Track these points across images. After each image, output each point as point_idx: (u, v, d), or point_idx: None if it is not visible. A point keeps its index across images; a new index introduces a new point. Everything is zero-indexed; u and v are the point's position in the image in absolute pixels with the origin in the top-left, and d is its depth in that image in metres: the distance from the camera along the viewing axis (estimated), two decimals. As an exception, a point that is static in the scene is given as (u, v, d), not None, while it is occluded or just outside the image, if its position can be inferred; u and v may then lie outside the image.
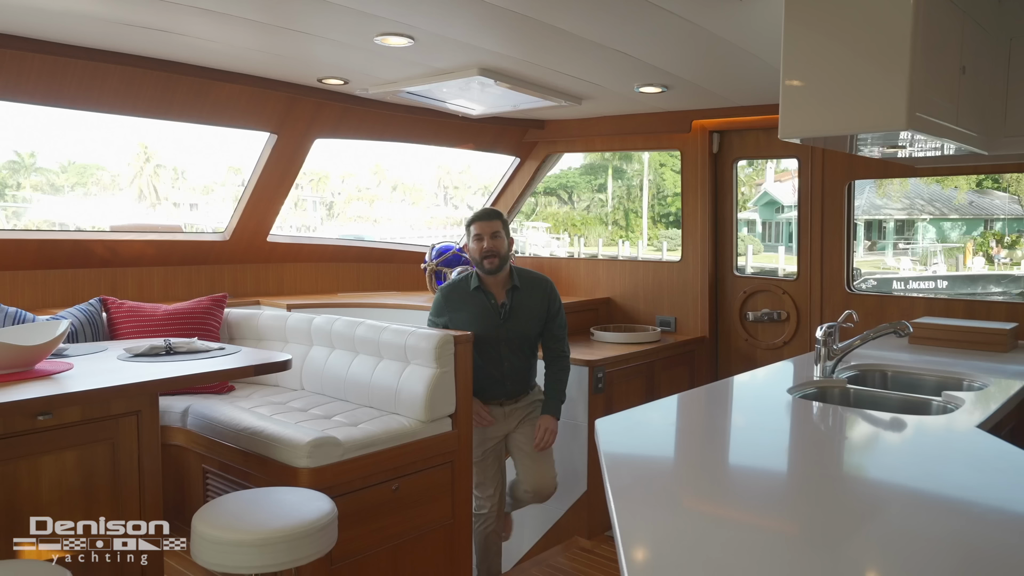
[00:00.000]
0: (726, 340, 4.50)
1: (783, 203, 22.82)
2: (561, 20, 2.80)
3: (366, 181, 41.67)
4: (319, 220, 38.50)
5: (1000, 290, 18.35)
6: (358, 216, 39.73)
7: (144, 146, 35.85)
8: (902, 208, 21.08)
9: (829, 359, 2.64)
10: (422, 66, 3.49)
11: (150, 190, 35.92)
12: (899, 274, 19.54)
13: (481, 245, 3.25)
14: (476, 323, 3.28)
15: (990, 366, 2.86)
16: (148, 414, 2.38)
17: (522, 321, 3.32)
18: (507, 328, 3.30)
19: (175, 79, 3.57)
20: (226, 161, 39.74)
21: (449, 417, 3.14)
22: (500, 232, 3.28)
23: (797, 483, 1.67)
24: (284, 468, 2.70)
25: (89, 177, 36.27)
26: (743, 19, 2.72)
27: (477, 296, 3.31)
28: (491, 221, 3.29)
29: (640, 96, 3.97)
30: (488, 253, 3.24)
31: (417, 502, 3.02)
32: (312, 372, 3.51)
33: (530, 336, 3.35)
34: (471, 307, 3.30)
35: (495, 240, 3.25)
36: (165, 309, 3.54)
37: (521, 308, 3.32)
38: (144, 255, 4.29)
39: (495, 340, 3.29)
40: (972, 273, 19.35)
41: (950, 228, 21.38)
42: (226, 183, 37.72)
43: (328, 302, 4.53)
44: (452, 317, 3.33)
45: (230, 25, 2.93)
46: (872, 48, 2.20)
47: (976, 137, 2.72)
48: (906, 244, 21.25)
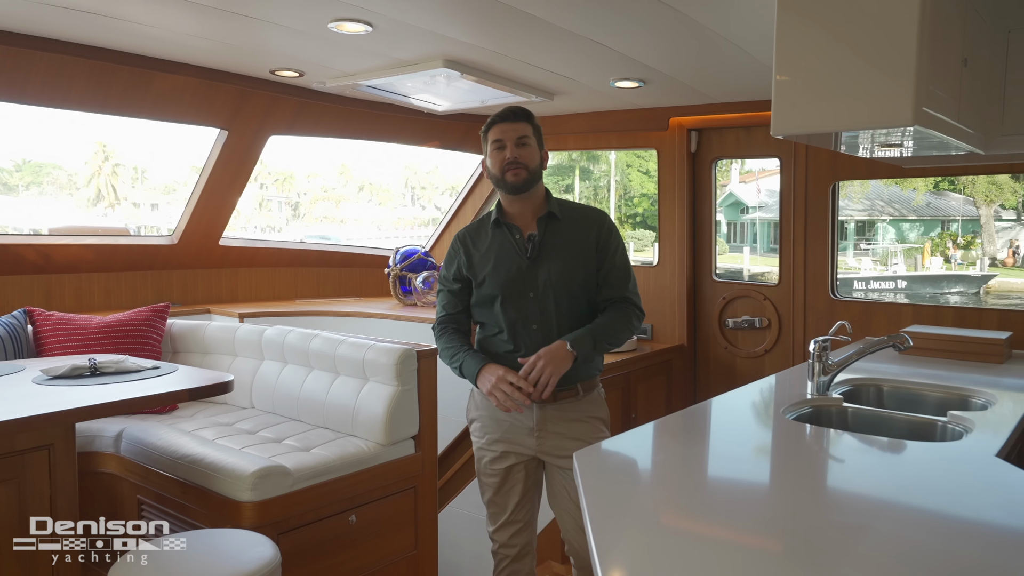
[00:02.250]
0: (705, 348, 4.30)
1: (748, 204, 22.94)
2: (533, 6, 2.56)
3: (332, 181, 41.04)
4: (284, 221, 37.84)
5: (957, 290, 18.67)
6: (324, 216, 39.11)
7: (102, 144, 34.84)
8: (863, 209, 21.34)
9: (823, 374, 2.44)
10: (383, 57, 3.23)
11: (108, 190, 34.91)
12: (860, 274, 19.74)
13: (503, 155, 2.30)
14: (496, 267, 2.33)
15: (989, 379, 2.69)
16: (62, 448, 2.08)
17: (560, 261, 2.30)
18: (536, 273, 2.29)
19: (111, 68, 3.26)
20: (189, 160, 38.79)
21: (412, 439, 2.88)
22: (529, 137, 2.33)
23: (807, 531, 1.44)
24: (225, 502, 2.42)
25: (45, 176, 35.15)
26: (730, 7, 2.51)
27: (497, 233, 2.37)
28: (515, 123, 2.32)
29: (615, 91, 3.75)
30: (511, 163, 2.29)
31: (377, 533, 2.76)
32: (263, 389, 3.22)
33: (574, 285, 2.31)
34: (490, 248, 2.37)
35: (522, 148, 2.30)
36: (99, 321, 3.22)
37: (557, 244, 2.32)
38: (82, 260, 3.96)
39: (520, 292, 2.29)
40: (930, 273, 19.67)
41: (909, 229, 21.73)
42: (188, 183, 36.84)
43: (284, 310, 4.24)
44: (469, 265, 2.39)
45: (170, 8, 2.65)
46: (875, 37, 1.99)
47: (974, 135, 2.55)
48: (867, 244, 21.52)
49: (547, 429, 2.31)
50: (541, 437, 2.32)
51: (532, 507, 2.46)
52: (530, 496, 2.43)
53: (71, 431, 2.13)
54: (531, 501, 2.44)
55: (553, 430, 2.31)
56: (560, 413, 2.32)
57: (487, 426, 2.39)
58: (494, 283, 2.31)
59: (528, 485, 2.41)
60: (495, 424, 2.37)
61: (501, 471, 2.38)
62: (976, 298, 18.32)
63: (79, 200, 34.32)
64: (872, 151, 2.83)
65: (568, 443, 2.29)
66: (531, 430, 2.32)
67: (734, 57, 3.07)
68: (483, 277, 2.34)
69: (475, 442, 2.45)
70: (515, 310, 2.30)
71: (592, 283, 2.34)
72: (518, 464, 2.37)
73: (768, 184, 20.72)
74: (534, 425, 2.31)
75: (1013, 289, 18.41)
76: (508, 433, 2.35)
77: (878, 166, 3.49)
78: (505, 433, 2.36)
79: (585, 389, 2.35)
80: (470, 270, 2.38)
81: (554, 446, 2.32)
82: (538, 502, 2.48)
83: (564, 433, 2.31)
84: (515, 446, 2.35)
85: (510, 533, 2.41)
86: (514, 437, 2.34)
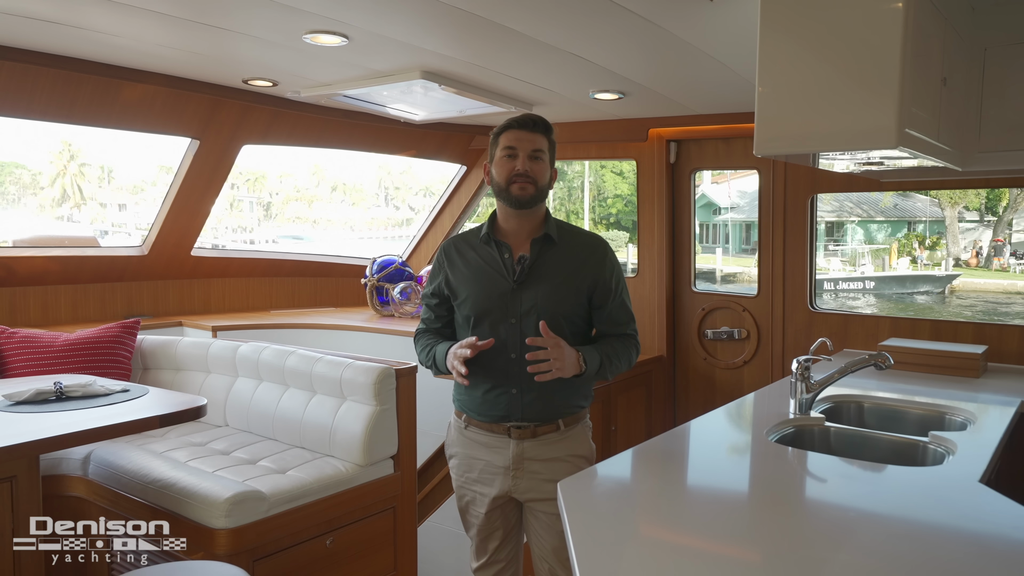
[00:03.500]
0: (684, 359, 4.29)
1: (720, 205, 23.14)
2: (512, 20, 2.53)
3: (304, 181, 40.58)
4: (256, 221, 37.36)
5: (924, 289, 19.02)
6: (296, 217, 38.67)
7: (67, 144, 34.07)
8: (832, 210, 21.66)
9: (806, 393, 2.43)
10: (359, 67, 3.17)
11: (74, 190, 34.20)
12: (829, 275, 20.02)
13: (512, 165, 2.11)
14: (475, 287, 2.16)
15: (967, 395, 2.71)
16: (26, 480, 2.01)
17: (549, 287, 2.11)
18: (521, 297, 2.11)
19: (76, 78, 3.16)
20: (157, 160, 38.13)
21: (391, 458, 2.83)
22: (544, 152, 2.14)
23: (796, 562, 1.42)
24: (199, 529, 2.35)
25: (7, 176, 34.31)
26: (711, 22, 2.50)
27: (485, 249, 2.19)
28: (533, 133, 2.12)
29: (595, 103, 3.73)
30: (520, 175, 2.10)
31: (355, 556, 2.71)
32: (237, 407, 3.15)
33: (559, 315, 2.11)
34: (473, 265, 2.19)
35: (535, 162, 2.12)
36: (66, 338, 3.12)
37: (550, 268, 2.13)
38: (48, 272, 3.84)
39: (500, 316, 2.12)
40: (897, 274, 20.03)
41: (876, 230, 22.10)
42: (157, 183, 36.19)
43: (259, 322, 4.15)
44: (449, 282, 2.23)
45: (138, 18, 2.57)
46: (858, 59, 1.99)
47: (952, 153, 2.57)
48: (836, 245, 21.84)
49: (524, 468, 2.15)
50: (516, 477, 2.16)
51: (515, 545, 2.33)
52: (512, 536, 2.30)
53: (35, 463, 2.05)
54: (514, 540, 2.32)
55: (530, 469, 2.15)
56: (539, 451, 2.15)
57: (463, 464, 2.26)
58: (472, 304, 2.15)
59: (509, 526, 2.28)
60: (470, 463, 2.23)
61: (480, 515, 2.25)
62: (941, 297, 18.68)
63: (43, 200, 33.56)
64: (850, 168, 2.84)
65: (544, 485, 2.14)
66: (507, 469, 2.16)
67: (714, 71, 3.06)
68: (462, 296, 2.18)
69: (454, 479, 2.32)
70: (492, 335, 2.11)
71: (580, 315, 2.17)
72: (495, 509, 2.22)
73: (740, 185, 20.91)
74: (510, 464, 2.16)
75: (976, 289, 18.78)
76: (484, 474, 2.21)
77: (856, 179, 3.51)
78: (481, 473, 2.21)
79: (567, 424, 2.18)
80: (450, 287, 2.22)
81: (529, 487, 2.16)
82: (522, 538, 2.35)
83: (541, 473, 2.15)
84: (491, 488, 2.20)
85: (493, 572, 2.30)
86: (490, 478, 2.20)
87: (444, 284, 2.24)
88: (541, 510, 2.16)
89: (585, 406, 2.25)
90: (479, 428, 2.19)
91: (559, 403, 2.15)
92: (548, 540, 2.17)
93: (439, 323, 2.31)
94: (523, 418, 2.13)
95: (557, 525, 2.13)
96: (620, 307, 2.22)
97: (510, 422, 2.14)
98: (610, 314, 2.20)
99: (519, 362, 2.09)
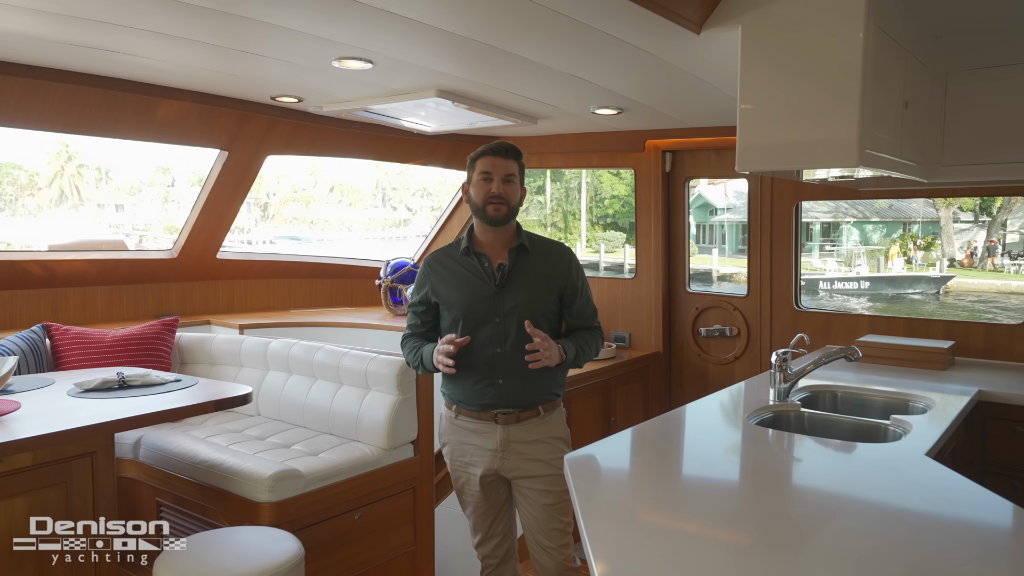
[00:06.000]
0: (679, 355, 4.60)
1: (716, 206, 23.38)
2: (521, 48, 2.82)
3: (302, 182, 40.75)
4: (253, 222, 37.51)
5: (918, 290, 19.23)
6: (294, 217, 38.82)
7: (65, 144, 34.16)
8: (828, 211, 21.91)
9: (784, 383, 2.73)
10: (379, 87, 3.46)
11: (72, 191, 34.35)
12: (825, 275, 20.27)
13: (488, 187, 2.44)
14: (461, 293, 2.47)
15: (931, 385, 3.01)
16: (104, 455, 2.30)
17: (526, 290, 2.44)
18: (504, 299, 2.43)
19: (120, 96, 3.44)
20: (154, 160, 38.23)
21: (411, 443, 3.13)
22: (515, 176, 2.49)
23: (771, 522, 1.72)
24: (244, 503, 2.65)
25: (4, 176, 34.45)
26: (700, 52, 2.79)
27: (466, 260, 2.51)
28: (506, 159, 2.48)
29: (595, 117, 4.03)
30: (495, 197, 2.44)
31: (380, 530, 3.00)
32: (269, 398, 3.44)
33: (539, 312, 2.45)
34: (456, 274, 2.50)
35: (508, 185, 2.46)
36: (113, 335, 3.41)
37: (525, 273, 2.47)
38: (86, 274, 4.13)
39: (484, 317, 2.43)
40: (892, 274, 20.24)
41: (872, 230, 22.31)
42: (155, 183, 36.33)
43: (281, 321, 4.44)
44: (436, 290, 2.53)
45: (183, 47, 2.85)
46: (825, 90, 2.30)
47: (917, 167, 2.86)
48: (832, 246, 22.09)
49: (510, 449, 2.46)
50: (504, 457, 2.46)
51: (509, 519, 2.65)
52: (505, 511, 2.62)
53: (111, 440, 2.34)
54: (507, 515, 2.64)
55: (515, 450, 2.46)
56: (523, 434, 2.46)
57: (456, 450, 2.56)
58: (460, 308, 2.45)
59: (501, 502, 2.60)
60: (462, 448, 2.53)
61: (475, 493, 2.54)
62: (935, 298, 18.92)
63: (40, 201, 33.68)
64: (827, 179, 3.14)
65: (529, 464, 2.46)
66: (495, 451, 2.47)
67: (703, 91, 3.36)
68: (450, 302, 2.48)
69: (448, 464, 2.62)
70: (480, 333, 2.42)
71: (553, 312, 2.51)
72: (488, 486, 2.53)
73: (736, 186, 21.17)
74: (497, 446, 2.46)
75: (970, 289, 19.02)
76: (475, 456, 2.51)
77: (836, 188, 3.81)
78: (472, 456, 2.51)
79: (546, 410, 2.50)
80: (437, 295, 2.51)
81: (515, 466, 2.47)
82: (514, 514, 2.66)
83: (525, 454, 2.46)
84: (482, 468, 2.49)
85: (491, 546, 2.62)
86: (480, 460, 2.49)
87: (431, 292, 2.54)
88: (526, 486, 2.49)
89: (560, 394, 2.59)
90: (468, 416, 2.50)
91: (538, 391, 2.49)
92: (532, 512, 2.49)
93: (424, 328, 2.61)
94: (508, 405, 2.45)
95: (540, 499, 2.47)
96: (586, 303, 2.59)
97: (497, 409, 2.45)
98: (578, 310, 2.56)
99: (504, 356, 2.42)
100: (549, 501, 2.46)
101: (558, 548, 2.49)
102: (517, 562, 2.73)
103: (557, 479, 2.46)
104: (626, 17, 2.33)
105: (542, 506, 2.47)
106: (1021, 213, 19.13)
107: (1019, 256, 18.48)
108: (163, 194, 33.87)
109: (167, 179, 34.91)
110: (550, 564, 2.50)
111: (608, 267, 18.61)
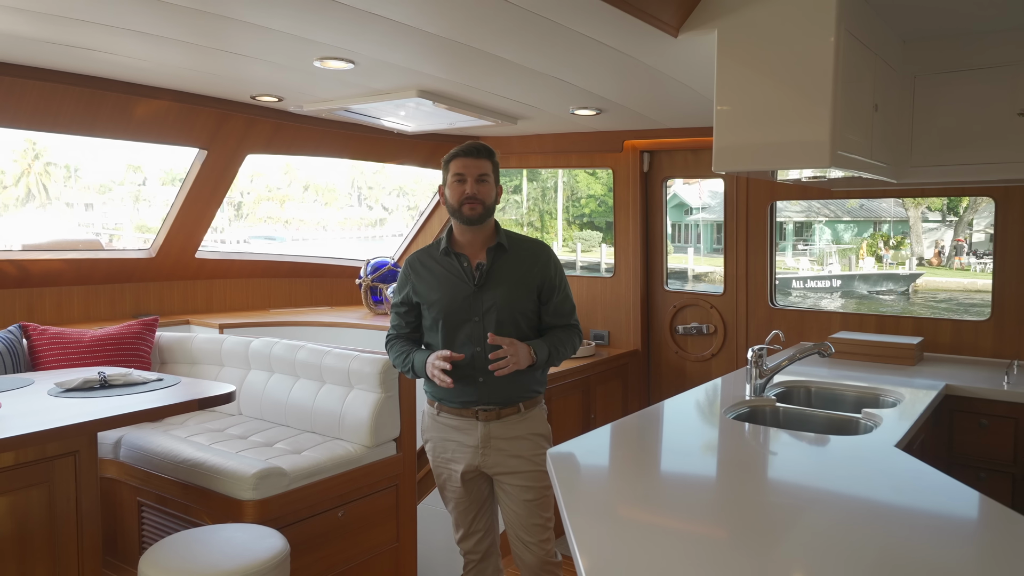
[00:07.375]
0: (657, 353, 4.67)
1: (692, 205, 23.60)
2: (502, 50, 2.85)
3: (276, 180, 40.37)
4: (227, 221, 37.10)
5: (888, 288, 19.59)
6: (268, 217, 38.46)
7: (32, 142, 33.57)
8: (800, 211, 22.25)
9: (759, 378, 2.80)
10: (360, 87, 3.48)
11: (39, 189, 33.73)
12: (798, 274, 20.58)
13: (462, 188, 2.45)
14: (440, 293, 2.49)
15: (901, 380, 3.10)
16: (86, 454, 2.30)
17: (505, 288, 2.46)
18: (482, 298, 2.45)
19: (99, 95, 3.42)
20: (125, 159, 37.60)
21: (394, 441, 3.15)
22: (489, 175, 2.50)
23: (735, 501, 1.78)
24: (227, 501, 2.66)
25: (-32, 174, 33.69)
26: (677, 54, 2.85)
27: (445, 260, 2.53)
28: (478, 159, 2.48)
29: (574, 117, 4.08)
30: (470, 197, 2.45)
31: (363, 527, 3.02)
32: (251, 397, 3.44)
33: (516, 310, 2.47)
34: (436, 274, 2.52)
35: (482, 185, 2.47)
36: (92, 335, 3.39)
37: (504, 272, 2.49)
38: (63, 274, 4.09)
39: (464, 316, 2.45)
40: (863, 272, 20.59)
41: (843, 230, 22.68)
42: (124, 182, 35.77)
43: (261, 321, 4.44)
44: (416, 290, 2.55)
45: (163, 47, 2.85)
46: (798, 93, 2.37)
47: (886, 168, 2.95)
48: (804, 245, 22.43)
49: (491, 446, 2.49)
50: (485, 454, 2.49)
51: (490, 515, 2.68)
52: (487, 507, 2.65)
53: (94, 439, 2.34)
54: (489, 511, 2.66)
55: (496, 447, 2.49)
56: (504, 430, 2.49)
57: (438, 446, 2.59)
58: (440, 308, 2.48)
59: (483, 498, 2.63)
60: (444, 445, 2.57)
61: (457, 489, 2.58)
62: (905, 296, 19.29)
63: (7, 199, 33.01)
64: (801, 179, 3.22)
65: (509, 460, 2.49)
66: (476, 447, 2.50)
67: (681, 92, 3.42)
68: (430, 301, 2.50)
69: (431, 460, 2.65)
70: (460, 332, 2.46)
71: (532, 310, 2.52)
72: (469, 482, 2.56)
73: (711, 186, 21.39)
74: (479, 443, 2.49)
75: (939, 288, 19.42)
76: (456, 453, 2.54)
77: (809, 188, 3.90)
78: (454, 453, 2.54)
79: (527, 407, 2.53)
80: (418, 295, 2.54)
81: (496, 462, 2.50)
82: (495, 510, 2.69)
83: (506, 450, 2.49)
84: (463, 464, 2.52)
85: (473, 542, 2.65)
86: (461, 456, 2.52)
87: (412, 293, 2.56)
88: (507, 482, 2.52)
89: (541, 391, 2.62)
90: (450, 413, 2.54)
91: (519, 389, 2.51)
92: (513, 508, 2.53)
93: (408, 328, 2.64)
94: (489, 402, 2.48)
95: (521, 495, 2.50)
96: (564, 300, 2.59)
97: (478, 406, 2.48)
98: (556, 307, 2.56)
99: (483, 354, 2.43)
100: (530, 497, 2.50)
101: (539, 543, 2.53)
102: (499, 557, 2.77)
103: (538, 475, 2.50)
104: (605, 20, 2.38)
105: (523, 502, 2.51)
106: (987, 213, 19.53)
107: (985, 255, 18.88)
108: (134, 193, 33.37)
109: (138, 178, 34.38)
110: (531, 559, 2.54)
111: (585, 266, 18.73)
